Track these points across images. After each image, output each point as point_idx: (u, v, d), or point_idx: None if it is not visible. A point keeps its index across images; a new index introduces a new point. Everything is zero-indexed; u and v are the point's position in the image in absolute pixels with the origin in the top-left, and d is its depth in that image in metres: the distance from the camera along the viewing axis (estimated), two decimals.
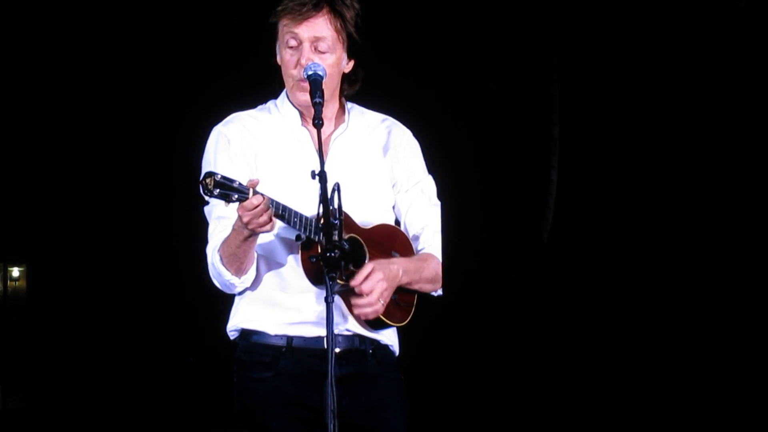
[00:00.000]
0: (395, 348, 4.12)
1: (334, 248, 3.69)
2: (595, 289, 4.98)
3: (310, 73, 3.93)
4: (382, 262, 3.94)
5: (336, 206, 3.75)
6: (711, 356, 4.84)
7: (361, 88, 4.15)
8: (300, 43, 3.97)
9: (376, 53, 4.11)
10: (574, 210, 5.03)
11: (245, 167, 4.00)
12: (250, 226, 3.75)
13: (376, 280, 3.89)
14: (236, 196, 3.68)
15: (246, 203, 3.69)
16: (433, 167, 4.22)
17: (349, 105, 4.16)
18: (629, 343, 4.93)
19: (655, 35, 4.91)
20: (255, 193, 3.71)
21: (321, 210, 3.72)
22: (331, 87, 4.02)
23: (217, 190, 3.65)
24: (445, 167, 4.29)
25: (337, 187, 3.74)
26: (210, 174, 3.66)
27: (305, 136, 4.06)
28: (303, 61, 3.95)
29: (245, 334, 4.04)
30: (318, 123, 3.81)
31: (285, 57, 4.00)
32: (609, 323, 4.96)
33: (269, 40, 4.05)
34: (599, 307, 4.97)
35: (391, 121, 4.22)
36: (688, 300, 4.87)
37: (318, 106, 3.86)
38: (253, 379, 4.01)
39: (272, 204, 3.76)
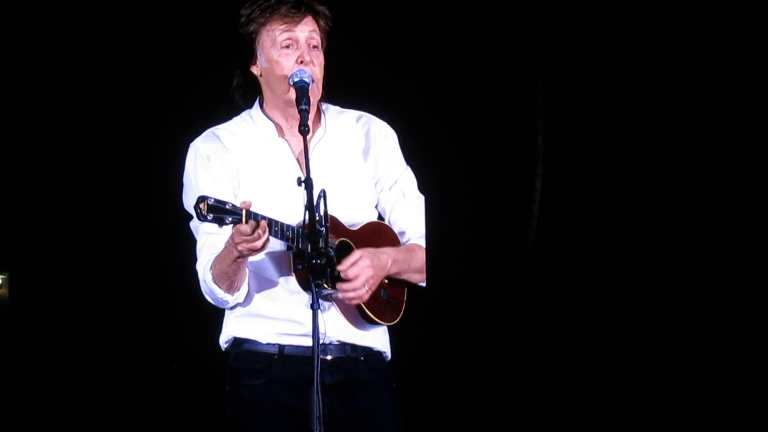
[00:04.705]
0: (388, 354, 4.12)
1: (319, 255, 3.70)
2: (579, 295, 4.99)
3: (296, 80, 3.94)
4: (370, 250, 3.95)
5: (322, 213, 3.75)
6: (699, 358, 4.86)
7: (344, 86, 4.17)
8: (297, 42, 3.99)
9: (359, 50, 4.13)
10: (557, 218, 5.05)
11: (228, 183, 4.00)
12: (239, 248, 3.74)
13: (362, 266, 3.89)
14: (230, 219, 3.67)
15: (241, 228, 3.69)
16: (418, 178, 4.23)
17: (324, 106, 4.16)
18: (622, 346, 4.95)
19: (640, 45, 4.93)
20: (249, 216, 3.69)
21: (307, 217, 3.72)
22: (320, 89, 4.03)
23: (211, 215, 3.64)
24: (429, 177, 4.30)
25: (323, 194, 3.74)
26: (203, 198, 3.64)
27: (283, 146, 4.06)
28: (307, 58, 3.97)
29: (237, 342, 4.04)
30: (304, 130, 3.82)
31: (277, 59, 3.99)
32: (595, 328, 4.98)
33: (242, 51, 4.05)
34: (584, 313, 4.98)
35: (367, 117, 4.22)
36: (671, 305, 4.89)
37: (304, 113, 3.87)
38: (244, 386, 4.00)
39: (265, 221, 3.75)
